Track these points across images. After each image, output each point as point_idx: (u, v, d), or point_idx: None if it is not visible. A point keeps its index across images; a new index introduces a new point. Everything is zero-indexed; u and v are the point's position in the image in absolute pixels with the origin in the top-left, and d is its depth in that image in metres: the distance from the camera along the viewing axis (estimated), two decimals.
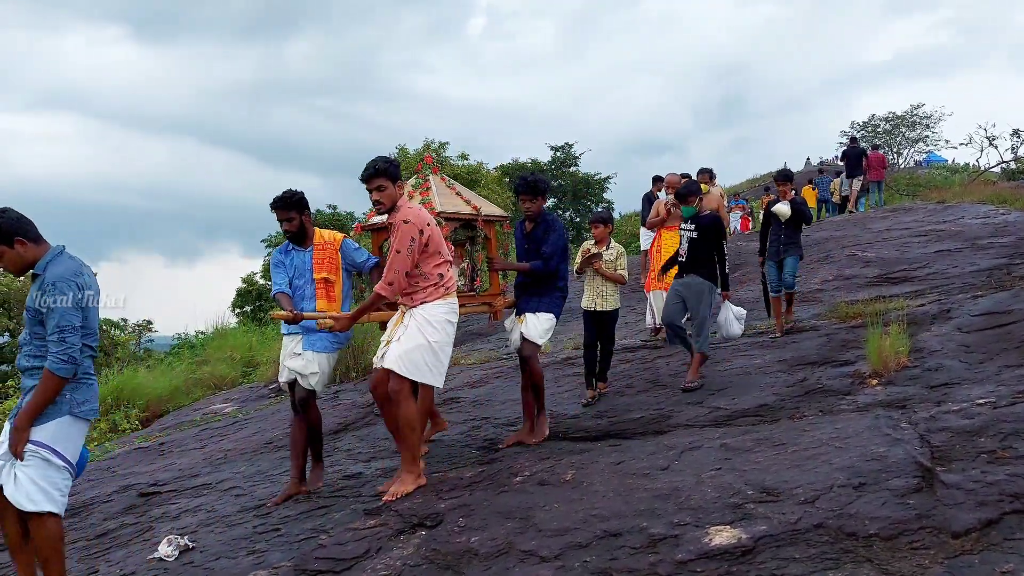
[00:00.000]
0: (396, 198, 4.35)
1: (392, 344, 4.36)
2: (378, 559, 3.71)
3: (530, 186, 5.29)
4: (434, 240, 4.35)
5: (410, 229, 4.24)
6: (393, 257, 4.25)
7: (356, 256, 5.04)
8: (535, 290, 5.37)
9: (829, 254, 11.67)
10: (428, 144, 28.72)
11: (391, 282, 4.25)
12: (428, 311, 4.36)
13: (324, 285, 4.91)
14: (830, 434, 4.05)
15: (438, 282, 4.40)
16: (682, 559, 3.05)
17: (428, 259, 4.35)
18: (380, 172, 4.30)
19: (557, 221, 5.44)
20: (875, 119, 39.06)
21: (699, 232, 6.36)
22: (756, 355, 6.65)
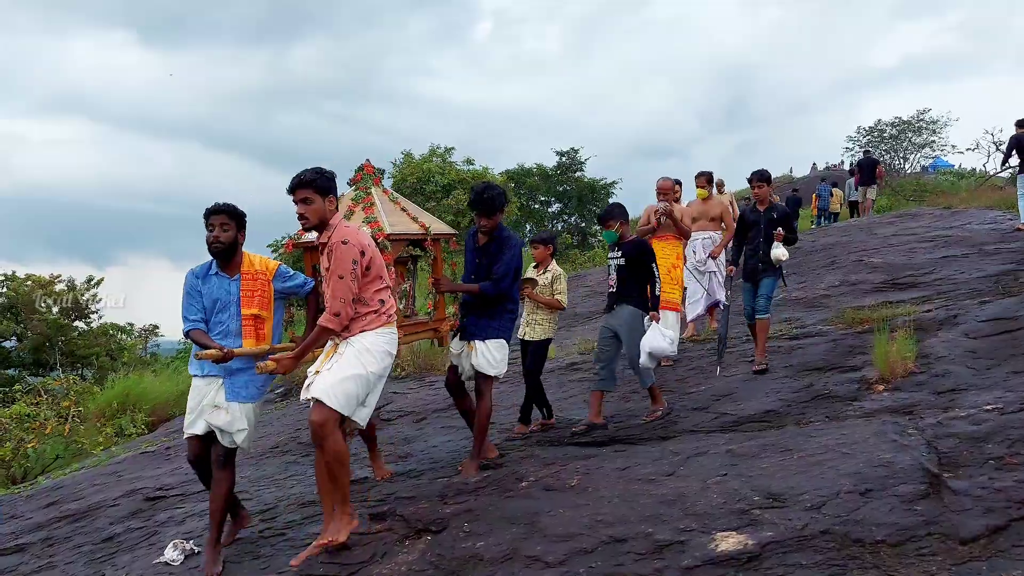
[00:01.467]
0: (324, 214, 3.88)
1: (323, 373, 3.87)
2: (383, 564, 3.72)
3: (485, 203, 4.77)
4: (375, 263, 3.94)
5: (349, 251, 3.79)
6: (335, 284, 3.80)
7: (291, 282, 4.39)
8: (483, 311, 4.90)
9: (835, 259, 11.64)
10: (434, 149, 28.76)
11: (337, 312, 3.80)
12: (368, 340, 3.93)
13: (253, 322, 4.23)
14: (837, 440, 4.04)
15: (379, 309, 3.97)
16: (688, 565, 3.05)
17: (368, 284, 3.93)
18: (306, 183, 3.84)
19: (513, 237, 4.93)
20: (881, 124, 38.93)
21: (626, 259, 5.77)
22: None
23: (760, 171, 6.81)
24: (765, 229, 6.59)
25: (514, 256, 4.82)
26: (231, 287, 4.23)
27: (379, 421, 7.09)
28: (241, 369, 4.19)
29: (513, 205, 29.37)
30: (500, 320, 4.90)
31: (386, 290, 4.02)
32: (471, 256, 5.02)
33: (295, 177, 3.88)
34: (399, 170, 28.21)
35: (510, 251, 4.81)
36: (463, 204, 25.97)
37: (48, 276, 26.66)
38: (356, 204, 4.77)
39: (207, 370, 4.19)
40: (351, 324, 3.90)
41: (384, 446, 6.20)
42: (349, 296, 3.81)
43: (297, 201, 3.87)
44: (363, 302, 3.92)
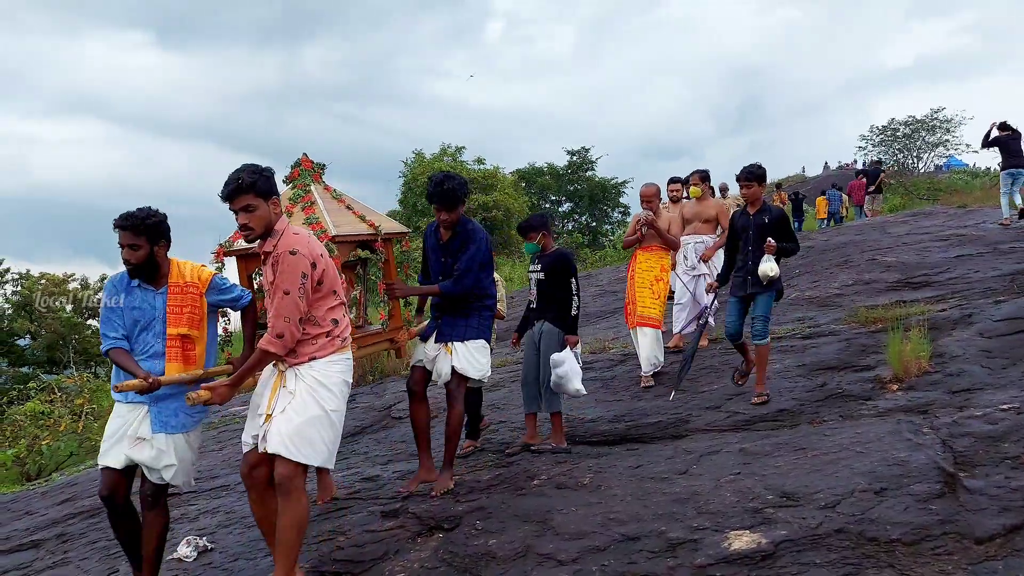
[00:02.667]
0: (270, 220, 3.32)
1: (276, 418, 3.30)
2: (396, 561, 3.72)
3: (445, 195, 4.33)
4: (328, 276, 3.39)
5: (298, 263, 3.23)
6: (280, 301, 3.23)
7: (227, 295, 3.87)
8: (458, 311, 4.52)
9: (848, 258, 11.57)
10: (445, 148, 28.79)
11: (280, 333, 3.24)
12: (320, 370, 3.37)
13: (180, 343, 3.67)
14: (851, 439, 4.02)
15: (332, 330, 3.43)
16: (701, 564, 3.04)
17: (321, 301, 3.39)
18: (246, 188, 3.24)
19: (478, 231, 4.50)
20: (894, 123, 38.72)
21: (545, 273, 5.32)
22: (775, 359, 6.58)
23: (749, 167, 5.76)
24: (755, 236, 5.66)
25: (479, 250, 4.43)
26: (156, 301, 3.67)
27: (390, 419, 7.11)
28: (171, 395, 3.65)
29: (524, 204, 29.36)
30: (477, 318, 4.56)
31: (340, 307, 3.48)
32: (434, 255, 4.62)
33: (230, 181, 3.27)
34: (410, 169, 28.27)
35: (475, 245, 4.42)
36: (474, 203, 26.02)
37: (61, 275, 26.87)
38: (295, 204, 4.28)
39: (131, 396, 3.63)
40: (298, 347, 3.34)
41: (395, 444, 6.21)
42: (296, 315, 3.25)
43: (237, 210, 3.28)
44: (313, 322, 3.38)
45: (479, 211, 25.91)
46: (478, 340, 4.54)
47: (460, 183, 4.38)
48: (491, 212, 26.36)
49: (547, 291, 5.32)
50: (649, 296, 6.73)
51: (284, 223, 3.40)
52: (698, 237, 7.67)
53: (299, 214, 4.23)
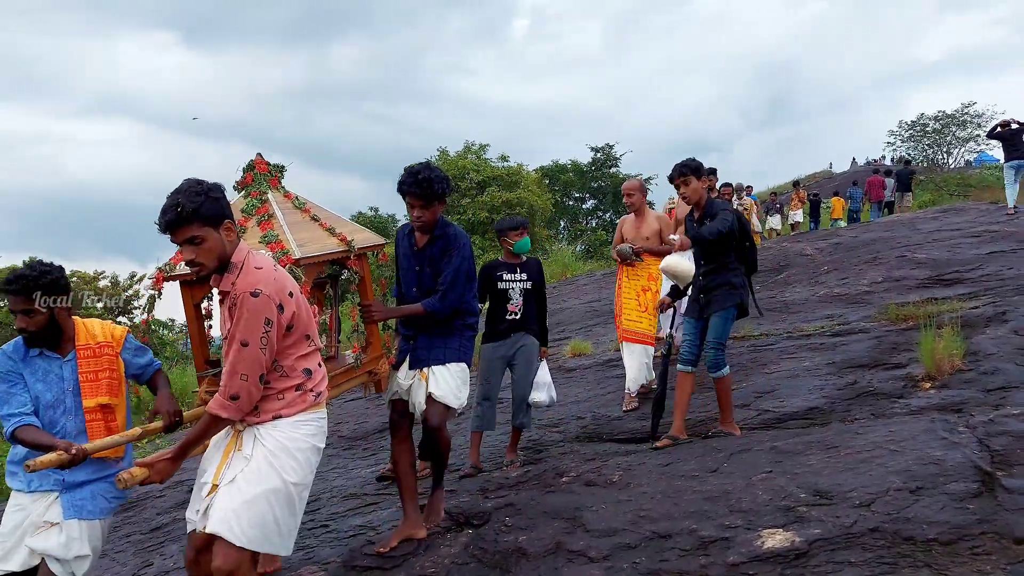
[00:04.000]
0: (224, 250, 2.69)
1: (223, 490, 2.69)
2: (426, 557, 3.75)
3: (422, 185, 3.67)
4: (300, 318, 2.78)
5: (262, 307, 2.61)
6: (237, 354, 2.62)
7: (140, 358, 3.35)
8: (436, 331, 3.89)
9: (878, 255, 11.44)
10: (469, 147, 28.83)
11: (236, 394, 2.63)
12: (286, 432, 2.76)
13: (102, 416, 3.15)
14: (884, 437, 3.97)
15: (303, 382, 2.82)
16: (734, 562, 3.02)
17: (290, 348, 2.77)
18: (187, 216, 2.59)
19: (460, 236, 3.88)
20: (924, 118, 38.20)
21: (532, 281, 5.09)
22: (804, 357, 6.54)
23: (683, 162, 4.86)
24: (701, 251, 4.89)
25: (463, 258, 3.81)
26: (64, 371, 3.14)
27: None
28: (88, 480, 3.13)
29: (548, 201, 29.33)
30: (458, 339, 3.94)
31: (314, 355, 2.88)
32: (408, 263, 3.92)
33: (166, 209, 2.61)
34: None
35: (458, 252, 3.79)
36: (498, 201, 26.04)
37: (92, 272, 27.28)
38: (248, 217, 3.60)
39: (37, 484, 3.06)
40: (261, 402, 2.75)
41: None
42: (256, 372, 2.63)
43: (181, 244, 2.66)
44: (281, 373, 2.77)
45: (503, 208, 25.93)
46: (459, 363, 3.91)
47: (440, 176, 3.73)
48: (515, 209, 26.36)
49: (529, 301, 5.07)
50: (636, 309, 6.24)
51: (243, 252, 2.74)
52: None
53: (254, 230, 3.53)
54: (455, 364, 3.88)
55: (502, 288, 5.05)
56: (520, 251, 5.10)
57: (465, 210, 26.03)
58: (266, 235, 3.50)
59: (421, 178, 3.65)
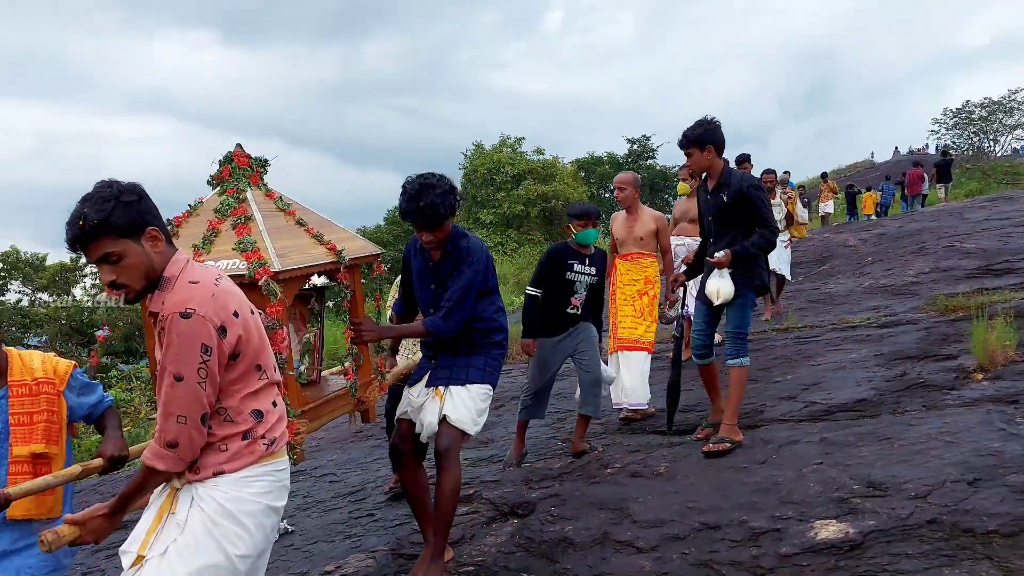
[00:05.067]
0: (151, 264, 2.15)
1: (150, 563, 2.13)
2: (472, 545, 3.76)
3: (422, 214, 3.18)
4: (251, 344, 2.20)
5: (197, 330, 2.07)
6: (170, 392, 2.06)
7: (86, 396, 2.84)
8: (459, 349, 3.47)
9: (924, 245, 11.22)
10: (504, 140, 28.83)
11: (173, 441, 2.08)
12: (230, 493, 2.17)
13: (32, 467, 2.65)
14: (938, 428, 3.89)
15: (252, 428, 2.21)
16: (786, 553, 2.98)
17: (236, 384, 2.19)
18: (93, 230, 2.07)
19: (475, 248, 3.40)
20: (969, 105, 37.31)
21: (599, 275, 4.87)
22: (851, 349, 6.43)
23: (688, 128, 4.30)
24: (715, 223, 4.36)
25: (477, 272, 3.34)
26: None
27: None
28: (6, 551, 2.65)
29: (583, 194, 29.20)
30: (484, 358, 3.48)
31: (267, 391, 2.28)
32: (421, 281, 3.51)
33: (69, 224, 2.10)
34: (470, 161, 28.40)
35: (471, 268, 3.33)
36: (533, 194, 25.99)
37: None
38: (222, 219, 3.09)
39: None
40: (199, 456, 2.15)
41: None
42: (196, 411, 2.08)
43: (96, 263, 2.16)
44: (224, 416, 2.19)
45: (538, 201, 25.89)
46: (483, 385, 3.45)
47: (442, 192, 3.20)
48: (550, 202, 26.30)
49: (594, 294, 4.89)
50: (631, 315, 5.57)
51: (178, 264, 2.19)
52: (680, 239, 6.68)
53: (228, 235, 3.03)
54: (477, 386, 3.43)
55: (569, 279, 4.77)
56: (582, 242, 4.82)
57: (500, 204, 26.05)
58: (241, 241, 2.98)
59: (423, 205, 3.16)
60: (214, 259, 2.90)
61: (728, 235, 4.27)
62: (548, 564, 3.45)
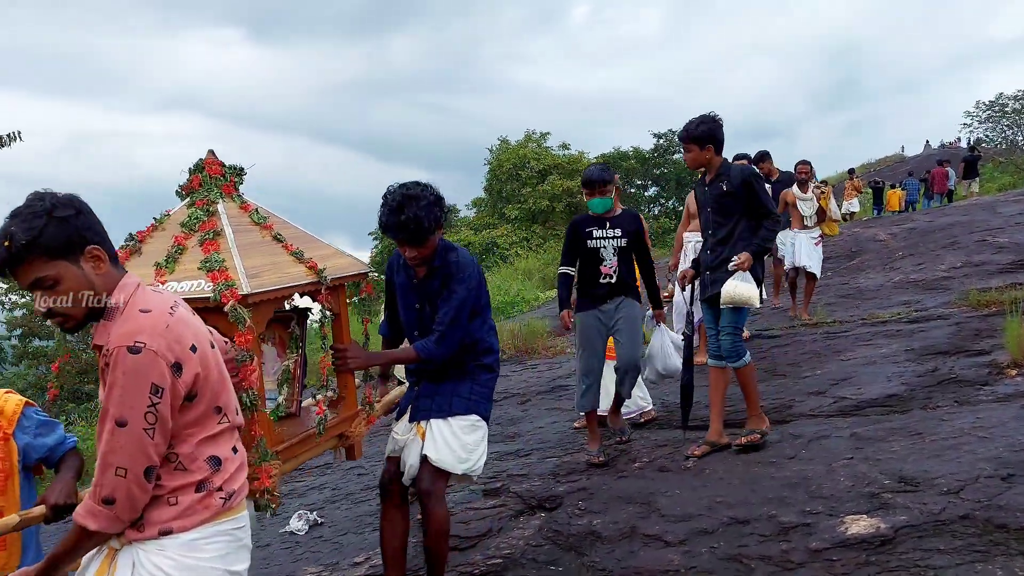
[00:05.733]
0: (94, 288, 1.85)
1: None
2: (500, 538, 3.78)
3: (404, 228, 2.88)
4: (208, 382, 1.90)
5: (145, 366, 1.76)
6: (111, 438, 1.76)
7: (42, 437, 2.46)
8: (444, 373, 3.13)
9: (956, 239, 11.06)
10: (529, 135, 28.81)
11: (110, 497, 1.76)
12: (179, 558, 1.86)
13: None
14: (971, 424, 3.85)
15: (208, 478, 1.89)
16: (816, 548, 2.97)
17: (191, 428, 1.88)
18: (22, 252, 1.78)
19: (465, 263, 3.07)
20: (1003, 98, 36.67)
21: (627, 237, 4.49)
22: (881, 344, 6.37)
23: (688, 124, 4.22)
24: (714, 216, 4.25)
25: (470, 289, 3.03)
26: None
27: None
28: None
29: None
30: (469, 384, 3.14)
31: (227, 436, 1.98)
32: (405, 300, 3.20)
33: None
34: (495, 156, 28.42)
35: (462, 285, 3.01)
36: (558, 189, 25.96)
37: None
38: (190, 234, 2.76)
39: None
40: (145, 510, 1.83)
41: (492, 426, 6.27)
42: (140, 463, 1.77)
43: (28, 289, 1.87)
44: (176, 464, 1.87)
45: (564, 196, 25.84)
46: (468, 416, 3.09)
47: (427, 204, 2.89)
48: (575, 197, 26.25)
49: (628, 260, 4.50)
50: None
51: (127, 289, 1.88)
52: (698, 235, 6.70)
53: (195, 251, 2.69)
54: (461, 418, 3.07)
55: (592, 247, 4.48)
56: (593, 211, 4.52)
57: (526, 199, 26.04)
58: (208, 259, 2.62)
59: (405, 219, 2.84)
60: (178, 279, 2.60)
61: (728, 224, 4.18)
62: (576, 557, 3.46)
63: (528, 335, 9.11)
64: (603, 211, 4.47)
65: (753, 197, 4.10)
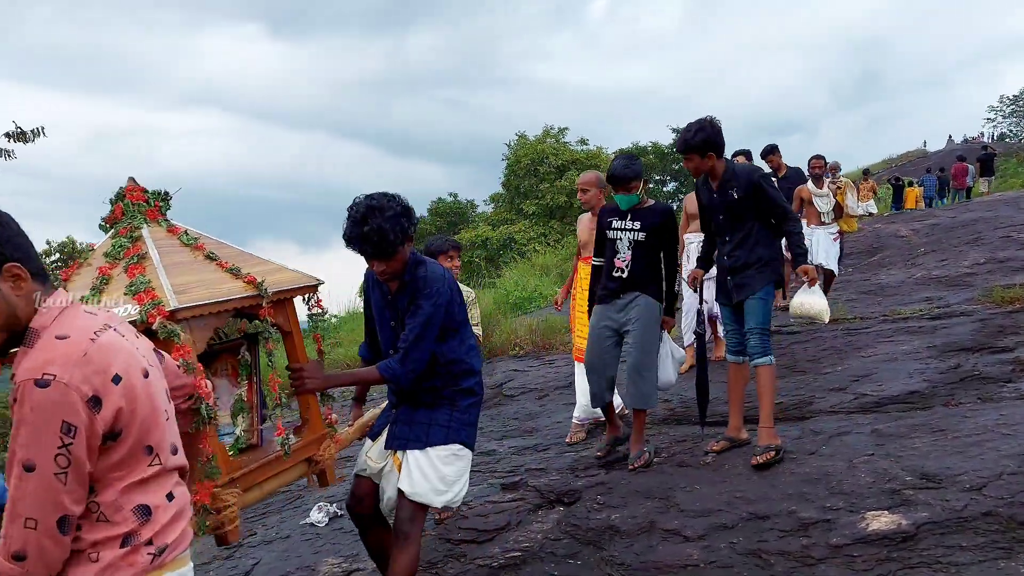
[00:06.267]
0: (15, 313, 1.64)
1: None
2: (519, 531, 3.79)
3: (370, 240, 2.71)
4: (135, 418, 1.65)
5: (55, 402, 1.53)
6: (18, 485, 1.54)
7: None
8: (420, 397, 2.94)
9: (980, 235, 10.93)
10: (548, 130, 28.76)
11: (20, 553, 1.53)
12: None
13: None
14: (995, 420, 3.81)
15: (134, 530, 1.65)
16: (837, 543, 2.96)
17: (115, 471, 1.64)
18: None
19: (432, 279, 2.86)
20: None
21: (647, 231, 4.25)
22: (902, 340, 6.31)
23: (685, 132, 4.12)
24: (727, 221, 4.15)
25: (436, 305, 2.83)
26: None
27: (502, 396, 7.20)
28: None
29: None
30: (448, 410, 2.92)
31: (164, 480, 1.75)
32: (381, 316, 3.03)
33: None
34: (513, 152, 28.40)
35: (428, 300, 2.82)
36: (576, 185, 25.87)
37: None
38: (115, 263, 2.64)
39: None
40: (66, 568, 1.61)
41: (509, 420, 6.30)
42: (52, 514, 1.54)
43: None
44: (98, 516, 1.63)
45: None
46: (448, 446, 2.88)
47: (393, 215, 2.73)
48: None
49: (647, 256, 4.27)
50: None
51: (50, 312, 1.66)
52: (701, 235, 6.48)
53: (120, 278, 2.58)
54: (440, 448, 2.86)
55: (611, 238, 4.34)
56: (629, 205, 4.32)
57: (544, 194, 26.02)
58: (133, 283, 2.49)
59: (368, 231, 2.69)
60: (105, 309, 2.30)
61: (742, 230, 4.09)
62: (595, 551, 3.47)
63: (546, 330, 9.11)
64: (627, 207, 4.30)
65: (765, 199, 4.01)
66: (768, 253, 4.09)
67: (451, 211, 32.29)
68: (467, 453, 2.96)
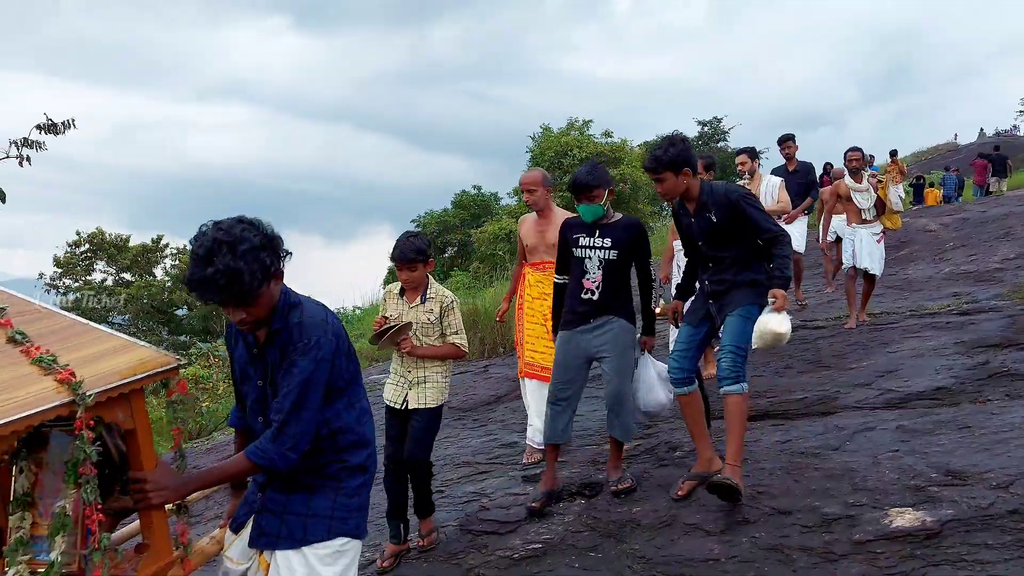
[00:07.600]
0: None
1: None
2: (540, 524, 3.81)
3: (214, 286, 2.04)
4: None
5: None
6: None
7: None
8: (295, 478, 2.29)
9: (1010, 230, 10.76)
10: (572, 123, 28.65)
11: None
12: None
13: None
14: (1022, 418, 3.76)
15: None
16: (860, 539, 2.95)
17: None
18: None
19: (308, 322, 2.22)
20: None
21: (619, 248, 3.86)
22: (930, 336, 6.24)
23: (655, 149, 3.74)
24: (708, 246, 3.77)
25: (318, 361, 2.18)
26: None
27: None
28: None
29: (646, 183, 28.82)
30: (331, 495, 2.31)
31: None
32: (247, 374, 2.38)
33: None
34: (537, 144, 28.35)
35: (305, 356, 2.17)
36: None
37: None
38: None
39: None
40: None
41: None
42: None
43: None
44: None
45: None
46: (331, 542, 2.28)
47: (249, 250, 2.06)
48: (618, 186, 26.09)
49: (618, 275, 3.89)
50: (543, 336, 4.58)
51: None
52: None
53: None
54: (320, 546, 2.26)
55: (578, 256, 3.92)
56: (593, 216, 3.91)
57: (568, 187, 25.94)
58: None
59: (214, 272, 2.02)
60: None
61: (726, 252, 3.72)
62: (616, 544, 3.48)
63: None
64: (592, 219, 3.89)
65: (746, 221, 3.61)
66: (763, 277, 3.68)
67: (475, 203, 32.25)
68: (355, 544, 2.34)
